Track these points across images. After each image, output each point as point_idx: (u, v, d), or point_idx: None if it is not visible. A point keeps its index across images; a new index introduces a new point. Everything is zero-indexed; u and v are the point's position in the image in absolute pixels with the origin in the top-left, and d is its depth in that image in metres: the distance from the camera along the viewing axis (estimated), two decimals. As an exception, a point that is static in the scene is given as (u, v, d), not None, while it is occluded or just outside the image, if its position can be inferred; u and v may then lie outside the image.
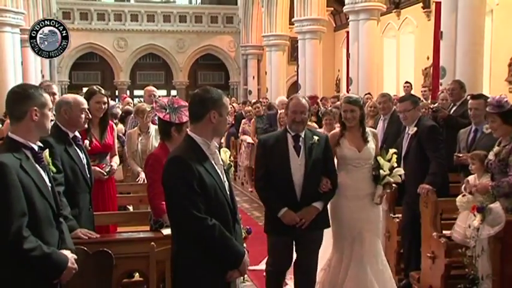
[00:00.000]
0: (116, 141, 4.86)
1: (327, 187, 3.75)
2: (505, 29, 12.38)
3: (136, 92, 21.71)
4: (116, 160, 4.63)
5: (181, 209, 2.51)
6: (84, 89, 4.51)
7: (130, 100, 8.97)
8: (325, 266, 4.18)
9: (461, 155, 4.84)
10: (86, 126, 3.86)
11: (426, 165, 4.47)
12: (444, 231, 4.21)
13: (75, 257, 2.57)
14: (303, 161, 3.71)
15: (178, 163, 2.55)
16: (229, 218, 2.65)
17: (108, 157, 4.47)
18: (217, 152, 2.76)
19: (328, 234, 4.15)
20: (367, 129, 4.20)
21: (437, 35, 10.04)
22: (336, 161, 4.06)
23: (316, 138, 3.77)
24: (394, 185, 4.24)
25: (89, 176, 3.58)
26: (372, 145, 4.09)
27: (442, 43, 8.71)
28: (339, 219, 4.02)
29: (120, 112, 7.27)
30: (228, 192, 2.69)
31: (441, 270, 4.04)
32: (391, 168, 4.03)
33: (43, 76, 17.22)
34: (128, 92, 21.83)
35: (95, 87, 4.46)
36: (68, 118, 3.51)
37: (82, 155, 3.58)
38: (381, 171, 4.00)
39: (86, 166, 3.58)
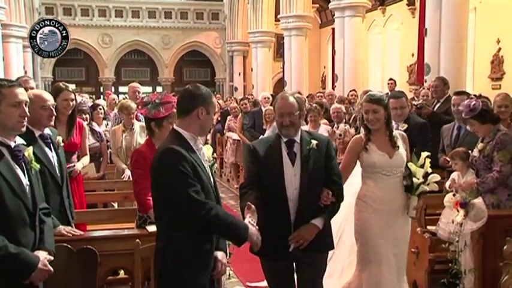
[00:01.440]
0: (86, 140, 4.67)
1: (329, 199, 3.04)
2: (488, 26, 12.51)
3: (122, 89, 21.48)
4: (83, 161, 4.49)
5: (185, 198, 2.48)
6: (71, 86, 4.35)
7: (115, 97, 8.85)
8: (346, 284, 3.77)
9: (448, 158, 4.88)
10: (52, 123, 3.59)
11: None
12: (428, 227, 4.25)
13: (51, 258, 2.49)
14: (298, 170, 3.08)
15: (172, 153, 2.53)
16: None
17: (74, 156, 4.32)
18: (203, 148, 2.79)
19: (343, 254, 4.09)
20: (395, 132, 3.65)
21: (422, 32, 10.11)
22: (360, 169, 3.59)
23: (314, 142, 3.11)
24: None
25: (59, 175, 3.43)
26: (402, 150, 3.57)
27: (427, 40, 8.78)
28: (367, 236, 3.51)
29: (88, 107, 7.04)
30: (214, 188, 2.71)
31: (425, 265, 4.08)
32: (426, 175, 3.51)
33: (26, 72, 16.95)
34: (113, 88, 21.65)
35: (61, 84, 4.30)
36: (30, 115, 3.38)
37: (52, 154, 3.43)
38: (414, 179, 3.49)
39: (57, 165, 3.44)
